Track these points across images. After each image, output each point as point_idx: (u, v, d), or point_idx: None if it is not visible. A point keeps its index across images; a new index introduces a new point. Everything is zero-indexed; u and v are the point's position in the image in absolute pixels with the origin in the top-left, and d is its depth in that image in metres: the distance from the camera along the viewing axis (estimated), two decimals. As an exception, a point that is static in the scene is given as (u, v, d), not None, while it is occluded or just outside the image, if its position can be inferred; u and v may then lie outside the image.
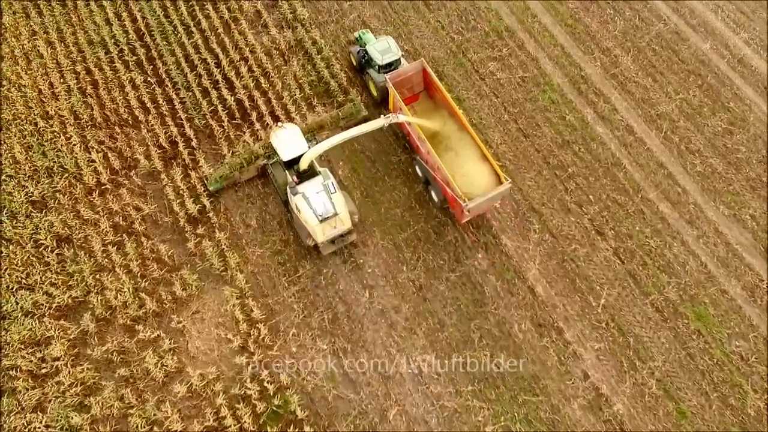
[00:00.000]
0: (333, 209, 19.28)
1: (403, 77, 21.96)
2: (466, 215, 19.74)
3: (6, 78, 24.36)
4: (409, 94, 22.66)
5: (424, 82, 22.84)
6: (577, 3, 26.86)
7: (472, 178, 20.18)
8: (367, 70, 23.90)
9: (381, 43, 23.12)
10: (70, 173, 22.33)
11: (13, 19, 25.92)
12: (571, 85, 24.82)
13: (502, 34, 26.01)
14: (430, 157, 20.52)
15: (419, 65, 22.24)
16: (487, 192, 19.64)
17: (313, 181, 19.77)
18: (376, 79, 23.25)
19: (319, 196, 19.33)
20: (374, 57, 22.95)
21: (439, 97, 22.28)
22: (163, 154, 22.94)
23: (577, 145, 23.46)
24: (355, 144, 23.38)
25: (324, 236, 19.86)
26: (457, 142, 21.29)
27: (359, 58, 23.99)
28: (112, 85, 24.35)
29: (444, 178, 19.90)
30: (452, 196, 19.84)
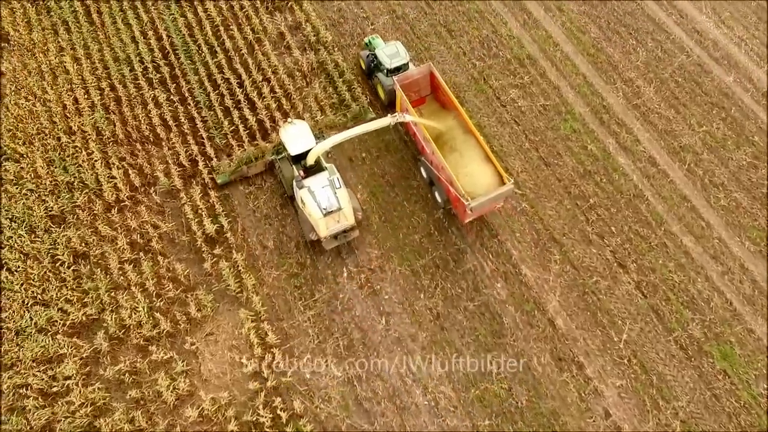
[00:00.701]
0: (337, 204, 19.39)
1: (411, 80, 22.11)
2: (468, 214, 19.67)
3: (32, 93, 24.35)
4: (416, 97, 22.72)
5: (431, 86, 22.94)
6: (599, 33, 26.58)
7: (476, 178, 20.13)
8: (375, 74, 24.10)
9: (390, 48, 23.29)
10: (90, 189, 22.09)
11: (42, 36, 26.01)
12: (593, 115, 24.39)
13: (524, 62, 25.71)
14: (434, 157, 20.50)
15: (426, 69, 22.28)
16: (490, 192, 19.52)
17: (319, 176, 19.92)
18: (384, 82, 23.42)
19: (325, 190, 19.49)
20: (383, 61, 23.10)
21: (446, 101, 22.24)
22: (182, 172, 22.67)
23: (599, 176, 22.93)
24: (375, 168, 23.03)
25: (327, 230, 19.85)
26: (461, 143, 21.27)
27: (368, 62, 24.25)
28: (135, 102, 24.25)
29: (448, 177, 19.86)
30: (455, 196, 19.78)
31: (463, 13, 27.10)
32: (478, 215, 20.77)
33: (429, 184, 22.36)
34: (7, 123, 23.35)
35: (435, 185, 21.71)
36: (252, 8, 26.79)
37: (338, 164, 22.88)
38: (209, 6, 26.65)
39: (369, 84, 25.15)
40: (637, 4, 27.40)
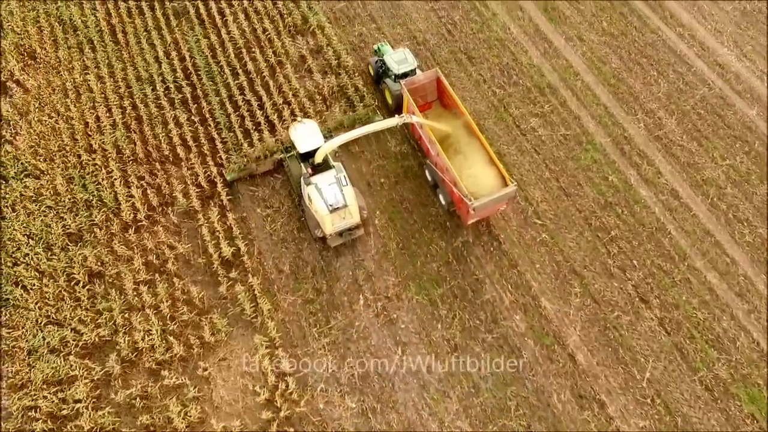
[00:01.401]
0: (343, 200, 19.60)
1: (418, 85, 22.32)
2: (471, 215, 19.64)
3: (56, 110, 24.28)
4: (422, 102, 22.81)
5: (438, 91, 23.07)
6: (620, 63, 26.23)
7: (479, 179, 20.19)
8: (383, 80, 24.34)
9: (398, 54, 23.66)
10: (108, 207, 21.80)
11: (68, 54, 26.07)
12: (614, 146, 23.90)
13: (545, 91, 25.36)
14: (439, 159, 20.60)
15: (433, 74, 22.49)
16: (493, 193, 19.49)
17: (327, 174, 20.06)
18: (391, 87, 23.58)
19: (331, 187, 19.69)
20: (391, 66, 23.41)
21: (452, 105, 22.39)
22: (201, 193, 22.36)
23: (620, 207, 22.34)
24: (393, 194, 22.60)
25: (333, 227, 20.02)
26: (466, 146, 21.37)
27: (377, 68, 24.54)
28: (156, 122, 24.08)
29: (452, 178, 19.93)
30: (459, 197, 19.79)
31: (484, 41, 26.88)
32: (481, 217, 20.83)
33: (433, 186, 22.46)
34: (30, 140, 23.26)
35: (439, 187, 21.75)
36: (274, 31, 26.74)
37: (356, 191, 22.51)
38: (232, 28, 26.65)
39: (377, 89, 25.37)
40: (657, 36, 27.07)
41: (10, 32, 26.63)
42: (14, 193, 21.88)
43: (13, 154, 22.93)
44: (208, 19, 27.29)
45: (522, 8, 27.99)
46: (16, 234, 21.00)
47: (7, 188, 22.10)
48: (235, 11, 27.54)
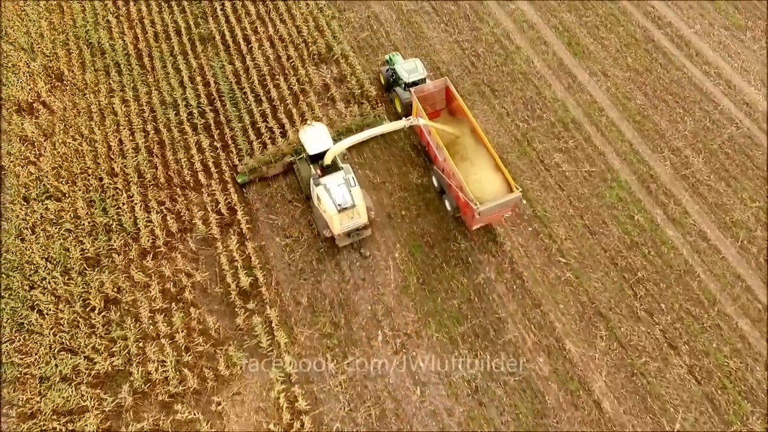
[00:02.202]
0: (351, 201, 19.70)
1: (427, 93, 22.61)
2: (476, 219, 19.74)
3: (80, 132, 24.14)
4: (431, 110, 23.04)
5: (446, 100, 23.35)
6: (645, 100, 25.69)
7: (485, 185, 20.26)
8: (394, 88, 24.67)
9: (409, 64, 24.13)
10: (127, 232, 21.41)
11: (94, 76, 26.06)
12: (639, 184, 23.21)
13: (569, 126, 24.84)
14: (446, 164, 20.77)
15: (442, 83, 22.80)
16: (498, 198, 19.56)
17: (335, 175, 20.24)
18: (401, 95, 23.90)
19: (340, 188, 19.82)
20: (401, 75, 23.87)
21: (460, 113, 22.50)
22: (220, 220, 21.93)
23: (647, 248, 21.55)
24: (414, 227, 22.00)
25: (340, 226, 20.10)
26: (472, 153, 21.43)
27: (387, 77, 24.93)
28: (179, 147, 23.82)
29: (458, 183, 20.05)
30: (464, 202, 19.91)
31: (507, 74, 26.52)
32: (486, 222, 20.92)
33: (440, 193, 22.56)
34: (53, 161, 23.06)
35: (445, 193, 21.80)
36: (299, 59, 26.58)
37: (377, 223, 22.01)
38: (257, 55, 26.55)
39: (387, 97, 25.65)
40: (683, 73, 26.55)
41: (39, 54, 26.74)
42: (35, 215, 21.59)
43: (36, 175, 22.73)
44: (234, 45, 27.24)
45: (546, 42, 27.67)
46: (35, 257, 20.62)
47: (28, 210, 21.84)
48: (261, 38, 27.49)
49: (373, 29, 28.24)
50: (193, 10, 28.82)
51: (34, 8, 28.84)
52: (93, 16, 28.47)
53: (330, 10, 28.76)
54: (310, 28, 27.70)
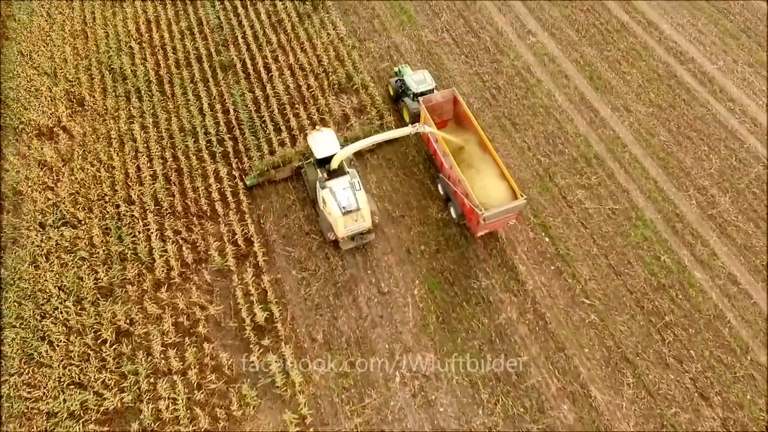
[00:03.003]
0: (356, 204, 19.78)
1: (434, 103, 22.73)
2: (481, 225, 19.62)
3: (99, 158, 23.85)
4: (438, 120, 23.14)
5: (454, 110, 23.40)
6: (669, 137, 25.07)
7: (490, 191, 20.28)
8: (402, 99, 25.02)
9: (418, 75, 24.49)
10: (142, 262, 20.89)
11: (115, 102, 25.92)
12: (665, 223, 22.44)
13: (591, 162, 24.22)
14: (452, 171, 20.83)
15: (450, 94, 22.93)
16: (503, 204, 19.52)
17: (341, 179, 20.32)
18: (410, 105, 24.26)
19: (345, 191, 19.91)
20: (410, 86, 24.18)
21: (467, 123, 22.52)
22: (236, 251, 21.37)
23: (674, 290, 20.68)
24: (434, 263, 21.29)
25: (345, 229, 20.13)
26: (478, 161, 21.48)
27: (396, 88, 25.39)
28: (197, 175, 23.42)
29: (464, 190, 20.03)
30: (470, 208, 19.86)
31: (529, 107, 26.06)
32: (491, 229, 20.70)
33: (445, 200, 22.53)
34: (71, 187, 22.73)
35: (451, 200, 21.75)
36: (319, 88, 26.31)
37: (395, 258, 21.36)
38: (277, 83, 26.30)
39: (396, 108, 25.98)
40: (707, 110, 25.95)
41: (62, 79, 26.69)
42: (50, 242, 21.17)
43: (53, 201, 22.38)
44: (254, 73, 27.07)
45: (567, 76, 27.25)
46: (48, 285, 20.12)
47: (44, 236, 21.43)
48: (281, 67, 27.32)
49: (393, 60, 28.00)
50: (215, 37, 28.79)
51: (59, 33, 28.96)
52: (116, 42, 28.52)
53: (350, 40, 28.62)
54: (330, 57, 27.52)
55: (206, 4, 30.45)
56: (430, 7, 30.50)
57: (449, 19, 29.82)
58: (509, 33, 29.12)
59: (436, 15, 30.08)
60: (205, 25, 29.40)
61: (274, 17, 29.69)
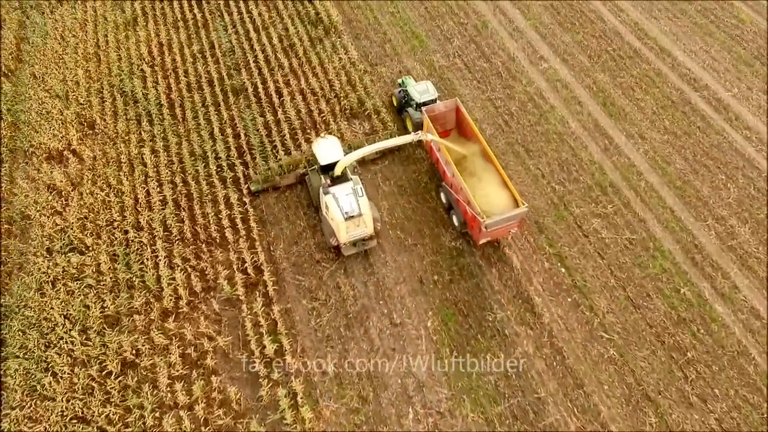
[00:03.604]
0: (358, 209, 19.85)
1: (437, 113, 22.93)
2: (483, 233, 19.68)
3: (108, 183, 23.53)
4: (441, 129, 23.24)
5: (456, 120, 23.61)
6: (685, 165, 24.55)
7: (492, 199, 20.31)
8: (406, 109, 25.26)
9: (421, 86, 24.63)
10: (150, 290, 20.37)
11: (126, 125, 25.69)
12: (683, 254, 21.80)
13: (607, 190, 23.69)
14: (454, 179, 20.91)
15: (453, 104, 23.12)
16: (505, 212, 19.57)
17: (344, 185, 20.49)
18: (413, 115, 24.51)
19: (348, 197, 20.04)
20: (413, 96, 24.36)
21: (469, 132, 22.68)
22: (245, 280, 20.84)
23: (696, 325, 19.95)
24: (447, 293, 20.68)
25: (347, 235, 20.21)
26: (480, 170, 21.58)
27: (400, 98, 25.71)
28: (206, 200, 23.03)
29: (466, 198, 20.13)
30: (471, 216, 19.97)
31: (542, 134, 25.66)
32: (493, 237, 20.65)
33: (447, 208, 22.62)
34: (80, 212, 22.36)
35: (453, 209, 21.79)
36: (330, 113, 26.04)
37: (408, 288, 20.78)
38: (289, 108, 26.04)
39: (399, 118, 26.24)
40: (723, 138, 25.47)
41: (73, 102, 26.53)
42: (57, 269, 20.70)
43: (61, 226, 21.99)
44: (266, 97, 26.84)
45: (580, 102, 26.89)
46: (54, 313, 19.61)
47: (51, 262, 20.98)
48: (293, 91, 27.09)
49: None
50: (227, 61, 28.65)
51: (72, 56, 28.92)
52: (128, 65, 28.42)
53: (362, 64, 28.43)
54: (342, 82, 27.30)
55: (219, 27, 30.43)
56: (441, 32, 30.37)
57: (461, 44, 29.66)
58: (521, 58, 28.88)
59: (447, 40, 29.93)
60: (217, 49, 29.32)
61: (285, 41, 29.60)
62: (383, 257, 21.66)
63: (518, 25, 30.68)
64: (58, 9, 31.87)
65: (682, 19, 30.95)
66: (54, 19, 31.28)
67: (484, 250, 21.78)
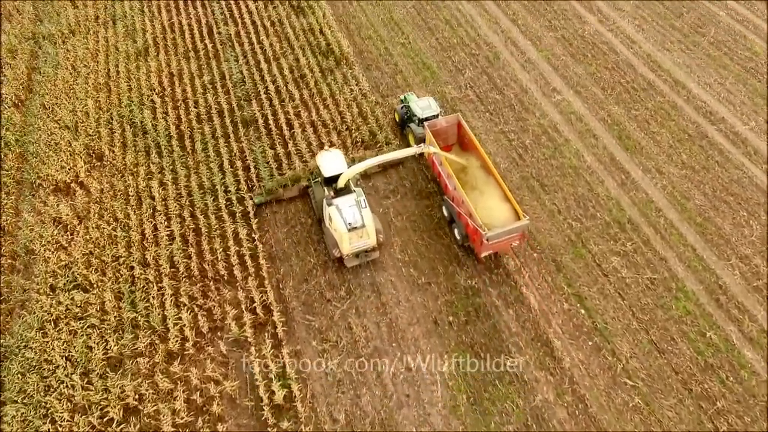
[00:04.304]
0: (361, 221, 20.01)
1: (439, 128, 23.25)
2: (485, 245, 19.64)
3: (115, 216, 22.95)
4: (443, 144, 23.44)
5: (458, 135, 23.91)
6: (704, 200, 23.82)
7: (493, 212, 20.36)
8: (408, 125, 25.47)
9: (423, 102, 25.01)
10: (155, 331, 19.58)
11: (134, 157, 25.25)
12: (707, 295, 20.91)
13: (625, 227, 22.93)
14: (456, 193, 21.08)
15: (454, 119, 23.44)
16: (506, 225, 19.61)
17: (348, 197, 20.65)
18: (415, 131, 24.77)
19: (351, 209, 20.15)
20: (415, 111, 24.70)
21: (470, 147, 22.85)
22: (254, 320, 20.04)
23: (724, 372, 18.95)
24: (463, 335, 19.74)
25: (350, 246, 20.24)
26: (482, 183, 21.75)
27: (402, 114, 25.95)
28: (215, 236, 22.38)
29: (467, 211, 20.20)
30: (473, 228, 20.03)
31: (557, 168, 25.05)
32: (494, 250, 20.60)
33: (449, 222, 22.68)
34: (85, 247, 21.74)
35: (455, 222, 21.84)
36: (342, 146, 25.54)
37: (422, 329, 19.92)
38: (300, 140, 25.58)
39: (401, 133, 26.42)
40: (743, 173, 24.76)
41: (82, 133, 26.17)
42: (60, 307, 19.98)
43: (66, 262, 21.34)
44: (276, 129, 26.44)
45: (595, 135, 26.32)
46: (55, 355, 18.81)
47: (54, 300, 20.27)
48: (303, 123, 26.68)
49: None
50: (237, 92, 28.36)
51: (83, 86, 28.71)
52: (138, 96, 28.16)
53: (373, 96, 28.08)
54: (353, 114, 26.90)
55: (230, 58, 30.25)
56: (453, 63, 30.08)
57: (473, 76, 29.32)
58: (534, 90, 28.48)
59: (459, 71, 29.62)
60: (228, 80, 29.07)
61: (296, 72, 29.34)
62: (396, 296, 20.86)
63: (530, 56, 30.40)
64: (71, 39, 31.86)
65: (695, 51, 30.61)
66: (66, 49, 31.22)
67: (500, 288, 20.97)
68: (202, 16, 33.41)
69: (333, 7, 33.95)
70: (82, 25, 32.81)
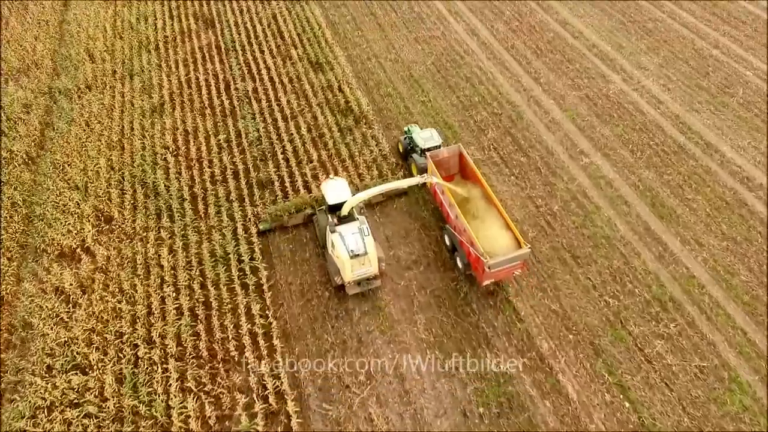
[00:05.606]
0: (364, 248, 20.02)
1: (441, 158, 23.60)
2: (487, 274, 19.57)
3: (121, 288, 21.47)
4: (445, 174, 23.81)
5: (460, 165, 24.17)
6: (750, 276, 22.01)
7: (495, 241, 20.37)
8: (411, 155, 25.86)
9: (425, 133, 25.38)
10: (157, 421, 17.73)
11: (144, 221, 23.99)
12: (765, 387, 18.82)
13: (666, 305, 21.09)
14: (458, 221, 21.11)
15: (456, 149, 23.76)
16: (508, 253, 19.52)
17: (351, 224, 20.77)
18: (417, 161, 25.09)
19: (354, 236, 20.25)
20: (418, 142, 25.07)
21: (472, 177, 23.09)
22: (266, 409, 18.17)
23: (792, 482, 16.76)
24: (493, 427, 17.77)
25: (352, 273, 20.22)
26: (483, 212, 21.87)
27: (405, 145, 26.24)
28: (226, 310, 20.76)
29: (469, 239, 20.17)
30: (475, 257, 19.93)
31: (589, 238, 23.44)
32: (496, 278, 20.42)
33: (451, 250, 22.56)
34: (87, 322, 20.15)
35: (457, 250, 21.74)
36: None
37: (451, 421, 17.90)
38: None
39: (404, 163, 26.69)
40: (789, 245, 23.09)
41: (92, 195, 25.04)
42: (55, 392, 18.24)
43: (65, 338, 19.73)
44: (293, 192, 25.16)
45: (627, 202, 24.83)
46: (46, 451, 16.99)
47: (49, 383, 18.54)
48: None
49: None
50: (253, 152, 27.33)
51: (95, 144, 27.83)
52: (152, 155, 27.19)
53: (393, 157, 26.93)
54: (373, 176, 25.66)
55: (246, 115, 29.40)
56: (475, 123, 29.05)
57: (496, 137, 28.19)
58: (560, 153, 27.23)
59: (482, 131, 28.53)
60: (244, 138, 28.11)
61: (315, 131, 28.37)
62: (421, 382, 18.95)
63: (554, 116, 29.33)
64: (87, 94, 31.29)
65: (725, 112, 29.43)
66: (81, 105, 30.59)
67: (535, 375, 19.02)
68: (219, 72, 32.89)
69: (352, 63, 33.39)
70: (99, 80, 32.34)
